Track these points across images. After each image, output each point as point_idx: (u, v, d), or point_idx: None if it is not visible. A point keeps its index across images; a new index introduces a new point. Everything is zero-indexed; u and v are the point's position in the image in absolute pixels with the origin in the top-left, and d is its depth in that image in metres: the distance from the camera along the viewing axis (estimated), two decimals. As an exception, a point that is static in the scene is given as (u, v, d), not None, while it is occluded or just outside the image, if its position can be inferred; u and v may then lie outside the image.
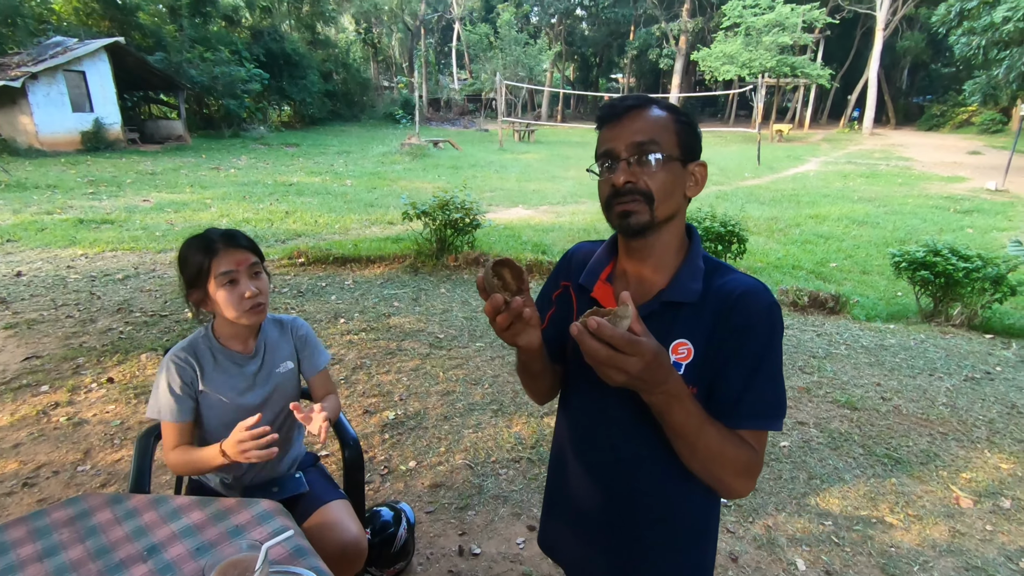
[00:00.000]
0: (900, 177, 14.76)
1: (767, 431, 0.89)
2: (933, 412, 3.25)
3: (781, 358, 0.88)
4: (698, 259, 0.94)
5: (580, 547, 1.11)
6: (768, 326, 0.86)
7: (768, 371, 0.86)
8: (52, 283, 4.99)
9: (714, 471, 0.86)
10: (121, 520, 1.19)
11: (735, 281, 0.90)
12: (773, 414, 0.87)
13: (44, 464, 2.58)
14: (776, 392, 0.87)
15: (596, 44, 42.66)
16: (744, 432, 0.87)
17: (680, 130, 0.89)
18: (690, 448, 0.84)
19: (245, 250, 1.45)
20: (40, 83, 14.14)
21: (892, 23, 28.97)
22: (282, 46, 23.63)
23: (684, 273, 0.92)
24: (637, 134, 0.87)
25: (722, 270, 0.93)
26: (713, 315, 0.88)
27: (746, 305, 0.86)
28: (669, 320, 0.90)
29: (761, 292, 0.88)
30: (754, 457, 0.87)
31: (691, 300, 0.90)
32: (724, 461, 0.84)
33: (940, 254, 4.60)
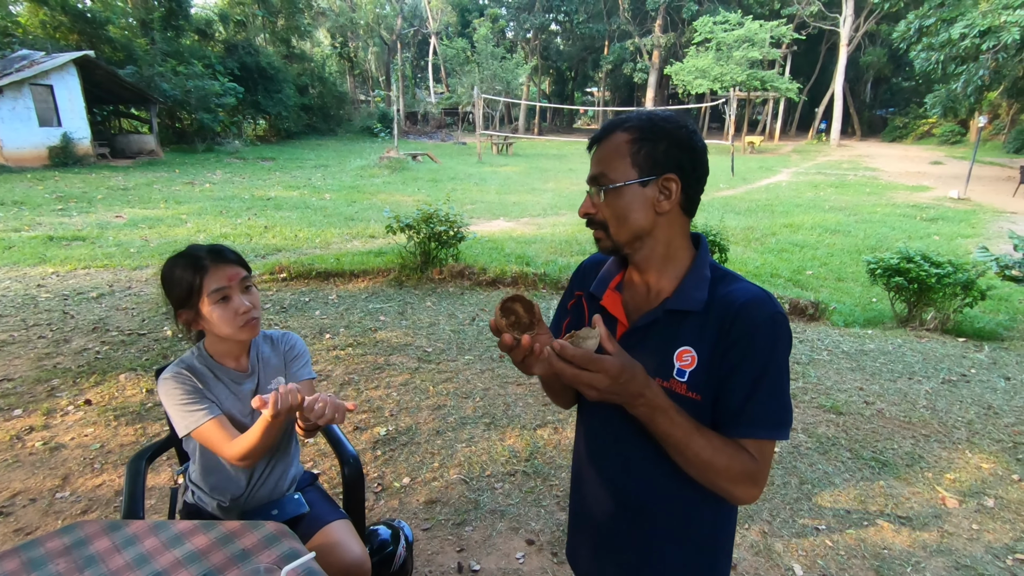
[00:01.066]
0: (868, 187, 15.25)
1: (772, 440, 0.89)
2: (915, 415, 3.33)
3: (786, 368, 0.89)
4: (704, 268, 0.94)
5: (596, 559, 1.11)
6: (771, 337, 0.87)
7: (771, 381, 0.87)
8: (22, 303, 4.82)
9: (709, 478, 0.88)
10: (120, 548, 1.14)
11: (739, 290, 0.90)
12: (776, 423, 0.87)
13: (20, 492, 2.47)
14: (780, 402, 0.88)
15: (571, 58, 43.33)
16: (747, 441, 0.88)
17: (637, 150, 0.89)
18: (681, 456, 0.87)
19: (234, 264, 1.42)
20: (5, 97, 13.74)
21: (855, 39, 30.12)
22: (257, 60, 23.42)
23: (689, 282, 0.93)
24: (594, 166, 0.94)
25: (728, 279, 0.94)
26: (717, 324, 0.89)
27: (748, 315, 0.87)
28: (674, 328, 0.92)
29: (764, 302, 0.88)
30: (752, 465, 0.87)
31: (695, 309, 0.91)
32: (718, 469, 0.86)
33: (913, 261, 4.75)
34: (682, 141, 0.90)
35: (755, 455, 0.88)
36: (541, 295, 5.50)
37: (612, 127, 0.94)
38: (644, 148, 0.89)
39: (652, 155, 0.89)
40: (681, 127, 0.91)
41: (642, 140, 0.89)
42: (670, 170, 0.90)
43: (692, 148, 0.91)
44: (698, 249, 0.98)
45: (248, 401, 1.48)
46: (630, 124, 0.92)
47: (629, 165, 0.90)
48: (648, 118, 0.92)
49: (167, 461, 2.66)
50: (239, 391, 1.49)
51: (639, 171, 0.90)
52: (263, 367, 1.54)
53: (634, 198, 0.90)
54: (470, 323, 4.64)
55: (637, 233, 0.93)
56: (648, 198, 0.90)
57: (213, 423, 1.37)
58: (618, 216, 0.92)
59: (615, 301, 1.01)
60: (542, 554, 2.20)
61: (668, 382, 0.92)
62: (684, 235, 0.97)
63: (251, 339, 1.48)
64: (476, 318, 4.76)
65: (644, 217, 0.91)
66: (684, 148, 0.90)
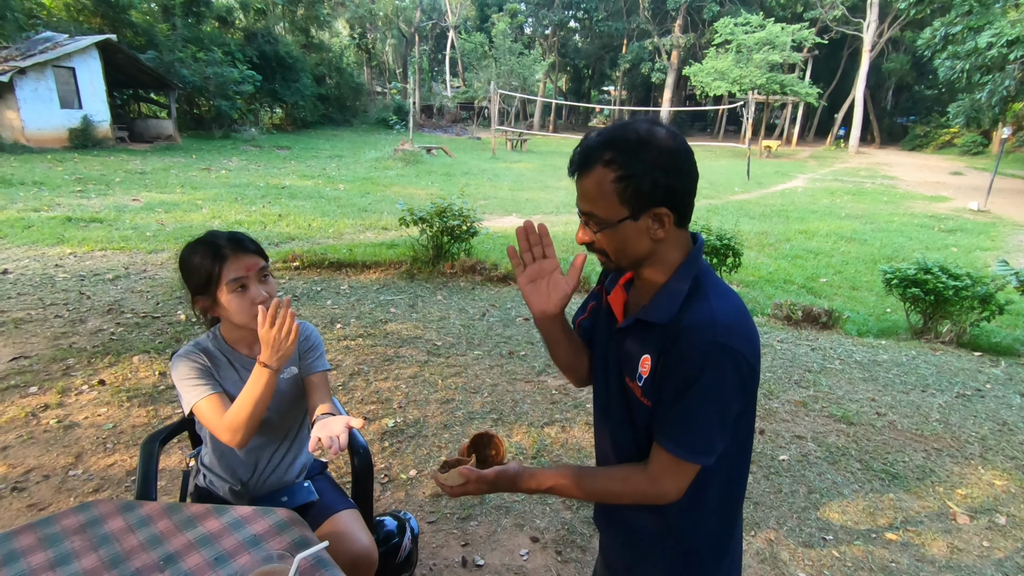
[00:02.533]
0: (885, 195, 15.05)
1: (680, 460, 0.90)
2: (927, 428, 3.29)
3: (715, 396, 0.86)
4: (681, 282, 0.93)
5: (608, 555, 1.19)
6: (699, 364, 0.85)
7: (688, 404, 0.87)
8: (40, 282, 4.88)
9: (626, 503, 1.03)
10: (134, 528, 1.16)
11: (691, 312, 0.89)
12: (687, 443, 0.89)
13: (34, 468, 2.51)
14: (697, 424, 0.88)
15: (589, 56, 43.10)
16: (659, 450, 0.92)
17: (624, 188, 0.86)
18: (588, 500, 1.02)
19: (253, 254, 1.43)
20: (28, 78, 13.93)
21: (878, 45, 29.69)
22: (275, 48, 23.52)
23: (661, 295, 0.94)
24: (582, 201, 0.93)
25: (701, 295, 0.91)
26: (666, 339, 0.90)
27: (686, 338, 0.87)
28: (643, 335, 0.96)
29: (707, 328, 0.86)
30: (642, 483, 0.94)
31: (661, 322, 0.92)
32: (619, 497, 0.98)
33: (931, 272, 4.68)
34: (667, 166, 0.86)
35: (655, 468, 0.93)
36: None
37: (591, 157, 0.88)
38: (631, 185, 0.86)
39: (640, 190, 0.86)
40: (664, 150, 0.86)
41: (627, 176, 0.85)
42: (660, 202, 0.87)
43: (678, 170, 0.87)
44: (683, 262, 0.95)
45: None
46: (610, 158, 0.86)
47: (618, 203, 0.88)
48: (627, 147, 0.86)
49: (178, 444, 2.68)
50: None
51: (629, 208, 0.88)
52: None
53: (628, 233, 0.90)
54: (480, 318, 4.64)
55: (637, 259, 0.94)
56: (643, 230, 0.90)
57: (212, 398, 1.38)
58: (616, 248, 0.93)
59: (619, 299, 1.05)
60: (546, 552, 2.20)
61: (632, 383, 0.97)
62: (680, 245, 0.96)
63: None
64: (486, 314, 4.76)
65: (641, 245, 0.92)
66: (671, 173, 0.86)
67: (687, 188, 0.90)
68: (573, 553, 2.20)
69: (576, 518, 2.40)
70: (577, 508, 2.46)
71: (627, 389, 0.99)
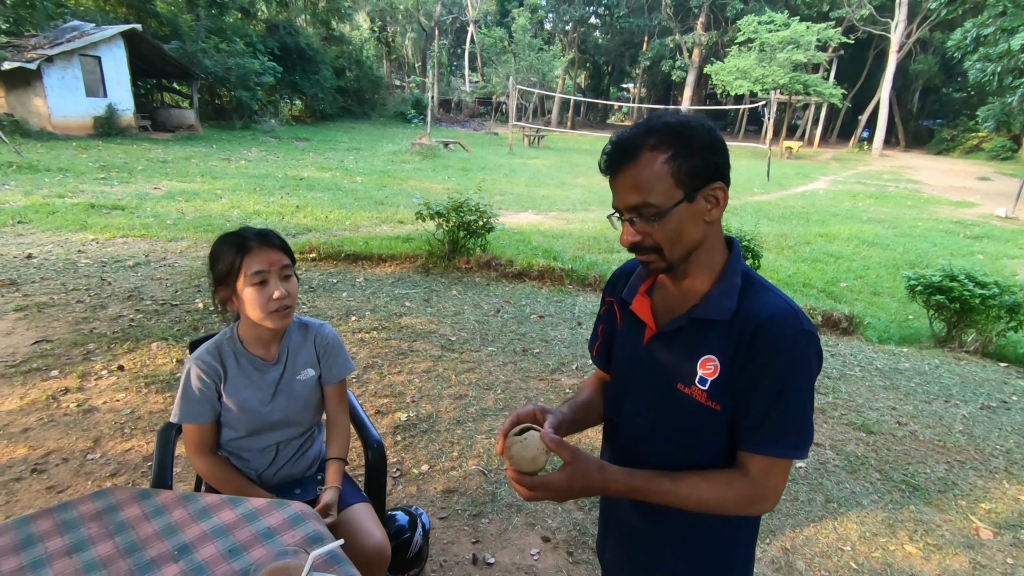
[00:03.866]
0: (909, 199, 14.74)
1: (789, 460, 0.88)
2: (950, 439, 3.21)
3: (807, 389, 0.86)
4: (734, 276, 0.92)
5: (618, 556, 1.14)
6: (791, 357, 0.84)
7: (789, 402, 0.85)
8: (62, 267, 4.97)
9: (709, 512, 0.91)
10: (150, 516, 1.16)
11: (764, 304, 0.88)
12: (790, 445, 0.86)
13: (53, 451, 2.55)
14: (796, 424, 0.86)
15: (609, 53, 42.74)
16: (756, 457, 0.88)
17: (677, 168, 0.84)
18: (674, 507, 0.90)
19: (278, 250, 1.43)
20: (55, 66, 14.16)
21: (906, 46, 29.05)
22: (296, 40, 23.65)
23: (717, 291, 0.92)
24: (630, 195, 0.87)
25: (757, 288, 0.91)
26: (737, 338, 0.88)
27: (769, 333, 0.85)
28: (699, 336, 0.92)
29: (788, 319, 0.85)
30: (747, 489, 0.88)
31: (721, 318, 0.89)
32: (712, 506, 0.89)
33: (957, 279, 4.56)
34: (715, 144, 0.87)
35: (756, 473, 0.88)
36: (568, 291, 5.46)
37: (636, 146, 0.86)
38: (684, 164, 0.84)
39: (694, 168, 0.85)
40: (707, 129, 0.87)
41: (678, 156, 0.84)
42: (714, 178, 0.87)
43: (721, 148, 0.88)
44: (730, 254, 0.95)
45: (270, 389, 1.50)
46: (658, 141, 0.85)
47: (673, 186, 0.85)
48: (670, 129, 0.85)
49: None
50: (261, 380, 1.49)
51: (684, 189, 0.86)
52: (291, 357, 1.55)
53: (685, 216, 0.87)
54: (495, 314, 4.62)
55: (691, 248, 0.91)
56: (698, 211, 0.88)
57: (196, 428, 1.45)
58: (672, 239, 0.89)
59: (644, 306, 1.01)
60: (557, 552, 2.18)
61: (689, 389, 0.92)
62: (721, 236, 0.95)
63: (281, 328, 1.48)
64: (501, 310, 4.75)
65: (696, 231, 0.90)
66: (715, 150, 0.87)
67: (729, 167, 0.90)
68: (584, 555, 2.18)
69: (588, 519, 2.38)
70: (589, 509, 2.44)
71: (682, 398, 0.93)
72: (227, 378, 1.46)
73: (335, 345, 1.61)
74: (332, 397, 1.63)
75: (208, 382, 1.43)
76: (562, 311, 4.87)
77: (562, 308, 4.95)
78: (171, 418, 1.45)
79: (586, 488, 0.87)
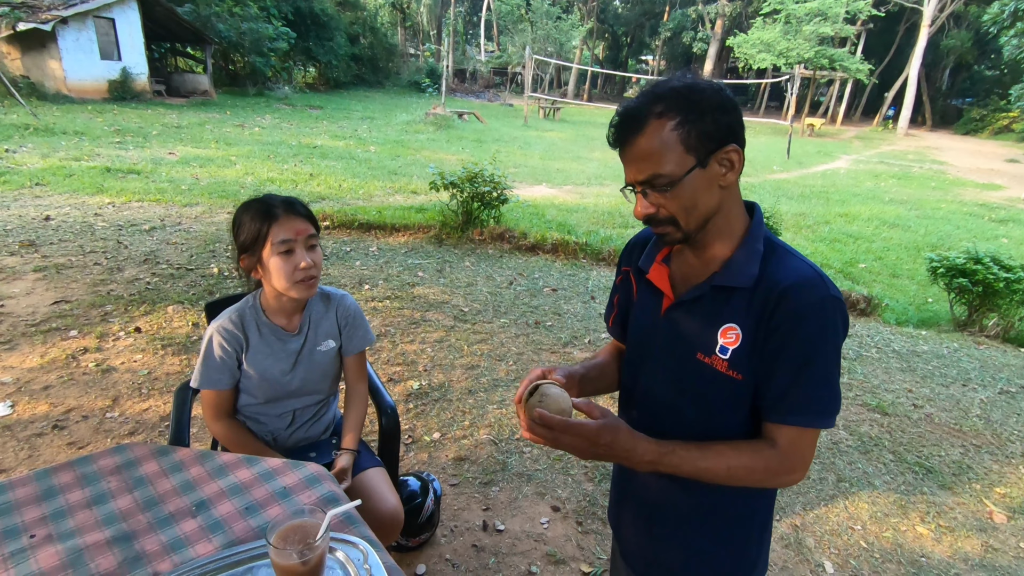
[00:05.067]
0: (934, 181, 14.36)
1: (816, 429, 0.86)
2: (966, 423, 3.17)
3: (835, 356, 0.83)
4: (756, 242, 0.89)
5: (634, 526, 1.12)
6: (818, 323, 0.81)
7: (816, 370, 0.83)
8: (80, 229, 5.00)
9: (737, 483, 0.88)
10: (168, 472, 1.17)
11: (788, 269, 0.85)
12: (818, 412, 0.84)
13: (74, 408, 2.60)
14: (824, 391, 0.84)
15: (629, 23, 41.64)
16: (783, 428, 0.85)
17: (687, 133, 0.81)
18: (701, 480, 0.88)
19: (304, 219, 1.40)
20: (70, 28, 14.06)
21: (939, 19, 27.92)
22: (311, 5, 23.23)
23: (739, 257, 0.88)
24: (641, 167, 0.84)
25: (780, 253, 0.88)
26: (761, 304, 0.84)
27: (794, 299, 0.82)
28: (720, 304, 0.89)
29: (814, 284, 0.82)
30: (775, 459, 0.85)
31: (744, 285, 0.86)
32: (740, 477, 0.86)
33: (981, 262, 4.46)
34: (726, 104, 0.83)
35: (784, 444, 0.85)
36: (581, 265, 5.41)
37: (642, 115, 0.82)
38: (693, 128, 0.81)
39: (704, 132, 0.81)
40: (717, 89, 0.83)
41: (687, 121, 0.81)
42: (727, 140, 0.83)
43: (732, 107, 0.83)
44: (751, 220, 0.92)
45: (291, 359, 1.49)
46: (664, 108, 0.81)
47: (683, 153, 0.82)
48: (678, 94, 0.81)
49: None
50: (282, 350, 1.49)
51: (696, 155, 0.82)
52: (313, 328, 1.54)
53: (699, 183, 0.84)
54: (507, 287, 4.61)
55: (707, 216, 0.87)
56: (712, 177, 0.84)
57: (219, 395, 1.46)
58: (687, 208, 0.85)
59: (662, 274, 0.98)
60: (567, 521, 2.20)
61: (709, 358, 0.89)
62: (739, 201, 0.92)
63: (305, 298, 1.46)
64: (514, 282, 4.72)
65: (711, 198, 0.86)
66: (726, 110, 0.82)
67: (743, 128, 0.86)
68: (594, 525, 2.20)
69: (598, 490, 2.39)
70: (599, 480, 2.45)
71: (701, 367, 0.90)
72: (249, 347, 1.45)
73: (357, 316, 1.60)
74: (351, 367, 1.63)
75: (230, 350, 1.43)
76: (575, 285, 4.84)
77: (575, 282, 4.92)
78: (192, 383, 1.46)
79: (612, 446, 0.83)
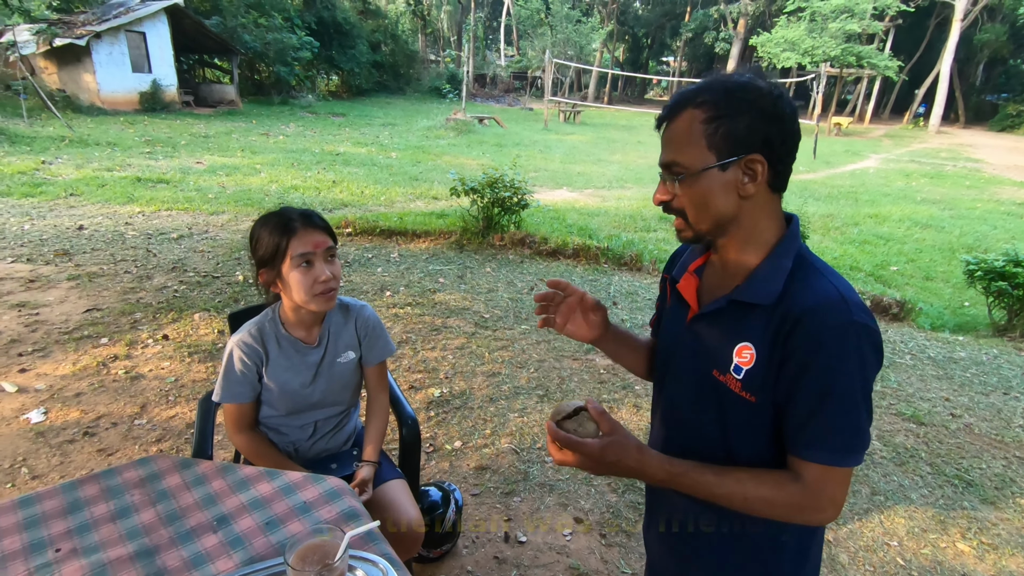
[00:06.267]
0: (968, 179, 13.91)
1: (845, 468, 0.78)
2: (1008, 434, 3.04)
3: (859, 387, 0.76)
4: (784, 257, 0.83)
5: (660, 541, 1.09)
6: (838, 350, 0.75)
7: (837, 402, 0.76)
8: (111, 238, 5.14)
9: (756, 514, 0.83)
10: (190, 486, 1.17)
11: (811, 290, 0.79)
12: (840, 449, 0.77)
13: (104, 415, 2.65)
14: (846, 426, 0.76)
15: (649, 24, 41.32)
16: (812, 465, 0.78)
17: (714, 130, 0.78)
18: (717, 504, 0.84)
19: (322, 231, 1.40)
20: (103, 42, 14.53)
21: (972, 13, 27.08)
22: (333, 15, 23.63)
23: (761, 272, 0.84)
24: (665, 151, 0.84)
25: (807, 271, 0.82)
26: (779, 325, 0.79)
27: (812, 324, 0.76)
28: (737, 320, 0.84)
29: (835, 308, 0.76)
30: (799, 495, 0.79)
31: (764, 303, 0.81)
32: (759, 508, 0.81)
33: (1021, 264, 4.28)
34: (767, 111, 0.78)
35: (810, 480, 0.78)
36: (603, 270, 5.36)
37: (683, 102, 0.81)
38: (722, 127, 0.78)
39: (732, 133, 0.78)
40: (764, 93, 0.78)
41: (719, 117, 0.78)
42: (755, 149, 0.79)
43: (779, 118, 0.79)
44: (785, 235, 0.86)
45: (311, 371, 1.49)
46: (703, 99, 0.79)
47: (705, 148, 0.79)
48: (724, 89, 0.79)
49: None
50: (302, 362, 1.49)
51: (717, 153, 0.79)
52: (332, 340, 1.53)
53: (713, 184, 0.80)
54: (528, 292, 4.58)
55: (719, 221, 0.83)
56: (730, 182, 0.80)
57: (240, 408, 1.46)
58: (697, 205, 0.83)
59: (690, 285, 0.95)
60: (591, 534, 2.16)
61: (724, 376, 0.85)
62: (773, 215, 0.86)
63: (325, 310, 1.45)
64: (535, 288, 4.70)
65: (726, 203, 0.82)
66: (770, 119, 0.78)
67: (787, 142, 0.81)
68: (618, 537, 2.16)
69: (622, 502, 2.34)
70: (623, 492, 2.40)
71: (717, 385, 0.86)
72: (268, 361, 1.46)
73: (376, 327, 1.59)
74: (372, 378, 1.62)
75: (250, 364, 1.43)
76: (597, 291, 4.79)
77: (597, 287, 4.87)
78: (213, 397, 1.46)
79: (618, 463, 0.81)
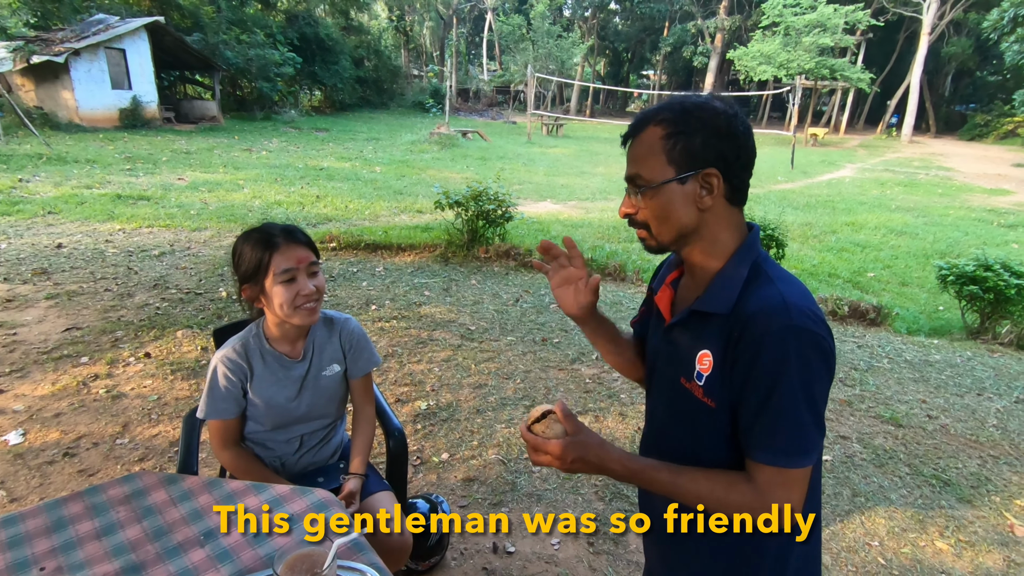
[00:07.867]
0: (940, 187, 14.30)
1: (797, 470, 0.81)
2: (983, 434, 3.12)
3: (804, 391, 0.78)
4: (740, 266, 0.88)
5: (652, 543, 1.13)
6: (779, 353, 0.78)
7: (779, 403, 0.79)
8: (91, 256, 5.08)
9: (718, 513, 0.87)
10: (176, 501, 1.17)
11: (757, 297, 0.83)
12: (784, 450, 0.80)
13: (84, 435, 2.61)
14: (788, 426, 0.79)
15: (629, 39, 42.08)
16: (764, 467, 0.82)
17: (672, 145, 0.84)
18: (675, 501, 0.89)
19: (305, 247, 1.41)
20: (82, 59, 14.42)
21: (939, 27, 28.01)
22: (316, 31, 23.72)
23: (718, 283, 0.89)
24: (630, 166, 0.89)
25: (761, 280, 0.85)
26: (729, 331, 0.84)
27: (756, 327, 0.80)
28: (699, 329, 0.89)
29: (778, 312, 0.79)
30: (751, 498, 0.82)
31: (720, 311, 0.86)
32: (713, 507, 0.85)
33: (991, 269, 4.41)
34: (720, 129, 0.84)
35: (761, 482, 0.82)
36: (586, 280, 5.41)
37: (644, 121, 0.88)
38: (680, 142, 0.84)
39: (689, 149, 0.84)
40: (719, 113, 0.85)
41: (677, 134, 0.84)
42: (710, 163, 0.85)
43: (732, 135, 0.85)
44: (741, 246, 0.90)
45: (296, 385, 1.50)
46: (663, 116, 0.86)
47: (665, 162, 0.85)
48: (682, 108, 0.85)
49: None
50: (287, 377, 1.49)
51: (676, 168, 0.85)
52: (317, 353, 1.54)
53: (673, 196, 0.86)
54: (514, 304, 4.61)
55: (681, 231, 0.88)
56: (689, 195, 0.86)
57: (219, 423, 1.46)
58: (658, 216, 0.88)
59: (665, 297, 1.00)
60: (578, 542, 2.17)
61: (690, 383, 0.90)
62: (732, 226, 0.90)
63: (308, 324, 1.46)
64: (520, 300, 4.73)
65: (687, 215, 0.87)
66: (723, 136, 0.84)
67: (741, 158, 0.86)
68: (605, 545, 2.17)
69: (609, 509, 2.36)
70: (610, 499, 2.42)
71: (684, 392, 0.91)
72: (253, 376, 1.46)
73: (361, 339, 1.60)
74: (358, 390, 1.63)
75: (234, 380, 1.44)
76: (582, 301, 4.83)
77: (581, 298, 4.91)
78: (198, 414, 1.46)
79: (580, 460, 0.87)
